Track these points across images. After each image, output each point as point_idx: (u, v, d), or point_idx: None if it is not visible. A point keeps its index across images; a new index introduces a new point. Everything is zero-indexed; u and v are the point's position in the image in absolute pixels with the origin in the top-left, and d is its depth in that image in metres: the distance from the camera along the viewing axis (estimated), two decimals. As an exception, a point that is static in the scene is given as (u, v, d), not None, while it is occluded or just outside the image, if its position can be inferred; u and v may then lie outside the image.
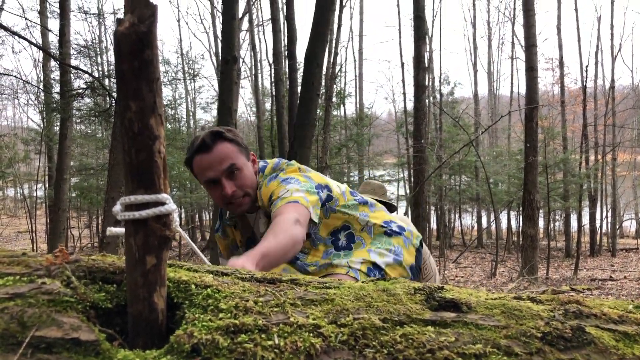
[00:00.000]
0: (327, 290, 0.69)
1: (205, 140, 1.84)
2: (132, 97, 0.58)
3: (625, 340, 0.66)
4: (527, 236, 9.50)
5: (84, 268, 0.66)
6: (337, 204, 1.98)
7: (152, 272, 0.61)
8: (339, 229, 1.98)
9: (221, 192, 1.85)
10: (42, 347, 0.54)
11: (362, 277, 1.85)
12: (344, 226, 1.99)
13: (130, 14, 0.56)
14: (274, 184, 1.86)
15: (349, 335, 0.60)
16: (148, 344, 0.61)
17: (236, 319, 0.60)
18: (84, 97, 9.07)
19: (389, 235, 2.05)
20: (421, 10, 9.40)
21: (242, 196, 1.88)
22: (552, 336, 0.63)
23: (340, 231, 1.99)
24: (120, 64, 0.57)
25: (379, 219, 2.06)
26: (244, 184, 1.87)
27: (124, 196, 0.61)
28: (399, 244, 2.03)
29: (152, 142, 0.59)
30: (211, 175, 1.84)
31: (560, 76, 18.89)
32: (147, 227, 0.61)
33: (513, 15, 22.69)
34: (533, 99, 9.28)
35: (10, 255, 0.67)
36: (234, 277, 0.71)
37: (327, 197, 1.95)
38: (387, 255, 1.97)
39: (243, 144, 1.93)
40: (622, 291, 8.63)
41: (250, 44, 18.37)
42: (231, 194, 1.84)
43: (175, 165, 13.10)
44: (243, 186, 1.87)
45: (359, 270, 1.87)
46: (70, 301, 0.60)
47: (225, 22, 6.84)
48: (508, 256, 15.21)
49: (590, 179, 15.90)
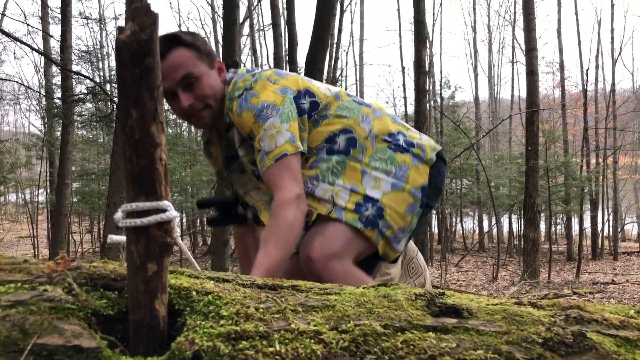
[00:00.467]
0: (328, 297, 0.69)
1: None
2: (134, 105, 0.58)
3: (627, 345, 0.66)
4: (529, 240, 9.48)
5: (85, 275, 0.66)
6: (329, 108, 1.76)
7: (153, 279, 0.62)
8: (336, 134, 1.74)
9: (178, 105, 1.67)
10: (43, 355, 0.54)
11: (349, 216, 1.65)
12: (344, 130, 1.74)
13: (132, 22, 0.56)
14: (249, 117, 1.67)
15: (350, 342, 0.60)
16: (149, 350, 0.61)
17: (237, 326, 0.60)
18: (86, 102, 9.10)
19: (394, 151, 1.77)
20: (422, 14, 9.41)
21: (202, 109, 1.69)
22: (553, 342, 0.63)
23: (339, 135, 1.74)
24: (121, 72, 0.57)
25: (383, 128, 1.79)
26: (203, 94, 1.67)
27: (125, 203, 0.62)
28: (404, 162, 1.76)
29: (154, 149, 0.59)
30: (166, 86, 1.60)
31: (561, 79, 18.90)
32: (148, 234, 0.61)
33: (513, 19, 22.74)
34: (534, 102, 9.28)
35: (11, 263, 0.67)
36: (235, 284, 0.71)
37: (312, 104, 1.74)
38: (384, 181, 1.72)
39: (204, 50, 1.71)
40: (624, 295, 8.61)
41: (251, 48, 18.40)
42: (188, 106, 1.66)
43: (177, 170, 13.11)
44: (202, 97, 1.68)
45: (344, 209, 1.66)
46: (72, 308, 0.60)
47: (226, 27, 6.85)
48: (510, 260, 15.18)
49: (591, 183, 15.88)
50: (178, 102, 1.67)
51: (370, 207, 1.68)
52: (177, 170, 13.10)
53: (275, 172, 1.63)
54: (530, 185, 9.47)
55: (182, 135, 18.65)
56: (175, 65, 1.63)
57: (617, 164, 18.14)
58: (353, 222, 1.65)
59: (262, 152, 1.65)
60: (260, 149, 1.66)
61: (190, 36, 1.69)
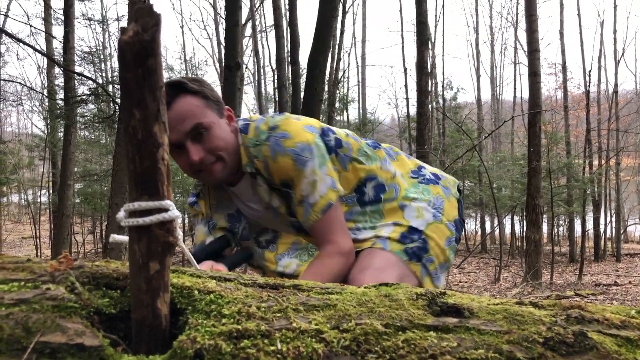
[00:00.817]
0: (329, 296, 0.69)
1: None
2: (136, 105, 0.58)
3: (628, 345, 0.66)
4: (531, 241, 9.47)
5: (87, 274, 0.66)
6: (352, 149, 1.66)
7: (155, 278, 0.62)
8: (363, 182, 1.66)
9: (187, 159, 1.52)
10: (46, 353, 0.54)
11: (394, 246, 1.60)
12: (369, 177, 1.66)
13: (134, 23, 0.56)
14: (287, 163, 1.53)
15: (351, 341, 0.60)
16: (151, 349, 0.61)
17: (239, 325, 0.60)
18: (88, 103, 9.12)
19: (426, 184, 1.73)
20: (424, 15, 9.42)
21: (214, 162, 1.54)
22: (554, 341, 0.63)
23: (365, 183, 1.66)
24: (124, 73, 0.58)
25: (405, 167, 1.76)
26: (215, 145, 1.52)
27: (128, 203, 0.62)
28: (438, 193, 1.72)
29: (156, 149, 0.60)
30: (173, 138, 1.48)
31: (563, 81, 18.89)
32: (150, 234, 0.62)
33: (515, 21, 22.74)
34: (536, 103, 9.27)
35: (14, 262, 0.67)
36: (236, 283, 0.71)
37: (336, 141, 1.64)
38: (426, 211, 1.66)
39: (213, 97, 1.57)
40: (627, 296, 8.60)
41: (253, 50, 18.44)
42: (198, 160, 1.50)
43: (179, 171, 13.12)
44: (214, 149, 1.52)
45: (387, 238, 1.61)
46: (75, 307, 0.60)
47: (228, 28, 6.87)
48: (512, 261, 15.16)
49: (594, 184, 15.86)
50: (187, 156, 1.52)
51: (415, 239, 1.63)
52: (179, 171, 13.12)
53: (324, 226, 1.56)
54: (532, 186, 9.46)
55: (184, 137, 18.56)
56: (182, 115, 1.48)
57: (619, 165, 18.11)
58: (399, 253, 1.60)
59: (306, 204, 1.56)
60: (303, 199, 1.56)
61: (197, 83, 1.56)
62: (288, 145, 1.54)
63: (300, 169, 1.53)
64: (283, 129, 1.56)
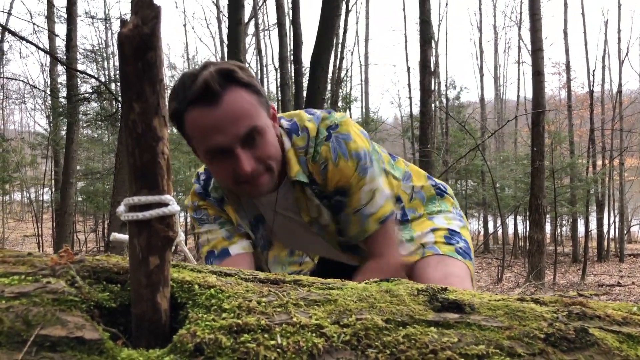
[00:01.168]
0: (330, 291, 0.69)
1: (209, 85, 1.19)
2: (136, 99, 0.58)
3: (629, 341, 0.66)
4: (534, 241, 9.45)
5: (88, 268, 0.66)
6: (384, 161, 1.56)
7: (155, 273, 0.62)
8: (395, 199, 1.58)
9: (234, 167, 1.26)
10: (46, 346, 0.54)
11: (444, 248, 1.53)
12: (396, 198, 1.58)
13: (134, 16, 0.56)
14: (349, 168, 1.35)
15: (352, 336, 0.60)
16: (151, 343, 0.61)
17: (239, 319, 0.60)
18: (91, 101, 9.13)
19: (441, 197, 1.66)
20: (427, 14, 9.40)
21: (263, 172, 1.30)
22: (555, 337, 0.63)
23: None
24: (124, 66, 0.58)
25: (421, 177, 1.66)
26: (267, 154, 1.29)
27: (127, 197, 0.62)
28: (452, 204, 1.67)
29: (156, 143, 0.60)
30: (220, 141, 1.23)
31: (567, 80, 18.84)
32: (150, 228, 0.61)
33: (519, 20, 22.67)
34: (540, 103, 9.26)
35: (15, 255, 0.67)
36: (237, 278, 0.71)
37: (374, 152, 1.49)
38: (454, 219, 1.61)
39: (263, 92, 1.32)
40: (630, 297, 8.58)
41: (256, 48, 18.44)
42: (251, 172, 1.26)
43: (181, 170, 13.14)
44: (265, 158, 1.29)
45: (434, 243, 1.53)
46: (75, 300, 0.60)
47: (231, 26, 6.87)
48: (515, 261, 15.14)
49: (597, 184, 15.82)
50: (232, 164, 1.27)
51: (458, 240, 1.58)
52: (181, 170, 13.13)
53: (380, 239, 1.45)
54: (535, 186, 9.44)
55: (187, 135, 18.58)
56: (236, 114, 1.23)
57: (623, 165, 18.08)
58: (452, 254, 1.53)
59: (363, 213, 1.41)
60: (358, 208, 1.41)
61: (246, 73, 1.29)
62: (352, 148, 1.36)
63: (361, 176, 1.38)
64: (345, 129, 1.38)
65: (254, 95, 1.27)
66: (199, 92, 1.21)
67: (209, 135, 1.24)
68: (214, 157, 1.29)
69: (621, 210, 17.74)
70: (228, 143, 1.24)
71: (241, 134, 1.24)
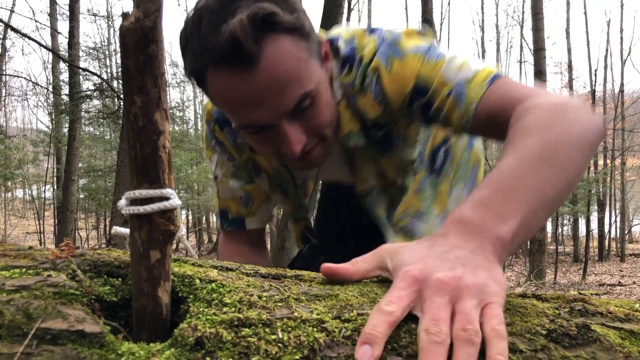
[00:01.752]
0: (331, 286, 0.69)
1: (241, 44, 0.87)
2: (137, 92, 0.58)
3: (631, 338, 0.65)
4: (535, 240, 9.45)
5: (89, 262, 0.66)
6: None
7: (156, 267, 0.62)
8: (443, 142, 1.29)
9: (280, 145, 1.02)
10: (47, 339, 0.54)
11: None
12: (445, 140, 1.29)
13: (136, 9, 0.56)
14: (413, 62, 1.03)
15: (353, 331, 0.60)
16: (152, 337, 0.61)
17: (240, 313, 0.60)
18: (93, 99, 9.15)
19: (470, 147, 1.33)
20: (429, 13, 9.39)
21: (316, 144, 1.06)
22: (557, 333, 0.63)
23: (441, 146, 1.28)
24: (125, 59, 0.58)
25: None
26: (321, 123, 1.02)
27: (129, 191, 0.62)
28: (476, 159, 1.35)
29: (157, 136, 0.60)
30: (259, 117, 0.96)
31: (569, 80, 18.82)
32: (151, 222, 0.61)
33: (522, 19, 22.67)
34: (541, 102, 9.23)
35: (17, 249, 0.67)
36: (238, 272, 0.71)
37: None
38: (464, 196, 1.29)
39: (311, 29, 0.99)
40: (631, 296, 8.58)
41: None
42: (301, 150, 1.01)
43: (183, 167, 13.15)
44: (318, 127, 1.03)
45: None
46: (76, 294, 0.60)
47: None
48: (516, 260, 15.14)
49: (598, 184, 15.82)
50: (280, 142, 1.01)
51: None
52: (183, 168, 13.14)
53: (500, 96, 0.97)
54: (536, 185, 9.42)
55: (188, 133, 18.69)
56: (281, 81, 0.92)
57: (625, 165, 18.06)
58: None
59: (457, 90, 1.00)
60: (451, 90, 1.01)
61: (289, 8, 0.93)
62: (406, 45, 1.05)
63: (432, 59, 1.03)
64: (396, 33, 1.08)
65: (302, 42, 0.95)
66: (226, 49, 0.88)
67: (242, 109, 0.96)
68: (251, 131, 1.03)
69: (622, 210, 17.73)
70: (271, 119, 0.97)
71: (289, 107, 0.96)
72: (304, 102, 0.97)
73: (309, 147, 1.04)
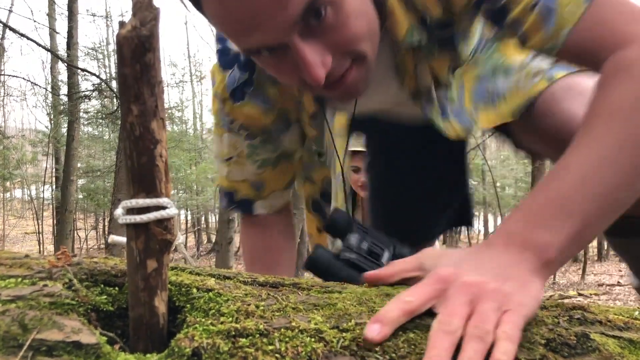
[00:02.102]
0: (329, 295, 0.69)
1: None
2: (134, 101, 0.58)
3: (630, 347, 0.65)
4: (534, 240, 9.44)
5: (85, 270, 0.66)
6: None
7: (153, 276, 0.61)
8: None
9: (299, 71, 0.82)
10: (42, 350, 0.54)
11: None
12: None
13: (133, 17, 0.56)
14: None
15: (351, 341, 0.60)
16: (149, 347, 0.61)
17: (237, 323, 0.60)
18: (91, 99, 9.14)
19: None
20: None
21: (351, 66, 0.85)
22: (556, 342, 0.62)
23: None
24: (122, 68, 0.57)
25: None
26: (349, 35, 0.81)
27: (125, 200, 0.61)
28: None
29: (154, 145, 0.59)
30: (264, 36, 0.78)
31: (568, 80, 18.80)
32: (148, 231, 0.61)
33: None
34: (540, 102, 9.23)
35: (12, 258, 0.67)
36: (236, 281, 0.71)
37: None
38: None
39: None
40: (629, 296, 8.59)
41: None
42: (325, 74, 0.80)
43: (182, 168, 13.15)
44: (348, 42, 0.81)
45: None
46: (72, 304, 0.60)
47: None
48: (514, 260, 15.14)
49: (597, 183, 15.82)
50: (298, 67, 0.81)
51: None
52: (182, 168, 13.14)
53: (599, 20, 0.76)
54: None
55: (187, 133, 18.69)
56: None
57: (623, 165, 18.05)
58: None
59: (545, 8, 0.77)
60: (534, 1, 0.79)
61: None
62: None
63: None
64: None
65: None
66: None
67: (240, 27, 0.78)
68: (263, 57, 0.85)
69: (621, 210, 17.73)
70: (277, 38, 0.78)
71: (293, 17, 0.75)
72: (318, 10, 0.77)
73: (340, 70, 0.84)
